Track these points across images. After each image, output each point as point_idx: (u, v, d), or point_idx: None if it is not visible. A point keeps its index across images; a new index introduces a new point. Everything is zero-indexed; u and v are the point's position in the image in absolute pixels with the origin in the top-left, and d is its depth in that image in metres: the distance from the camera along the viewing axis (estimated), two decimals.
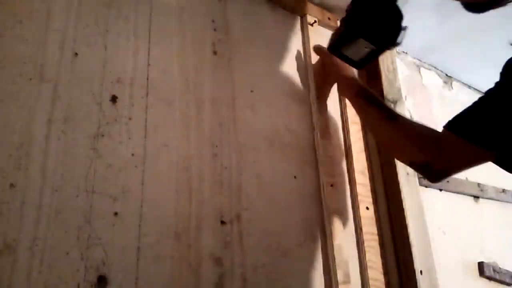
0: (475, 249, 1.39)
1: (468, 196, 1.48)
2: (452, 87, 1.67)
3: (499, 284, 1.37)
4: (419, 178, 1.15)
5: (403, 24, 0.82)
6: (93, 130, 0.72)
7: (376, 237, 1.04)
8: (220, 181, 0.84)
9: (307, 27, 1.14)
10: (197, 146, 0.84)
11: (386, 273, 1.01)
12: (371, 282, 0.97)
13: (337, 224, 0.96)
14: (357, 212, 1.04)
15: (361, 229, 1.02)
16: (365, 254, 0.99)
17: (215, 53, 0.94)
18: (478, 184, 1.49)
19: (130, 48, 0.81)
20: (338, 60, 1.00)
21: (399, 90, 1.19)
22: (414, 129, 0.88)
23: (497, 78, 0.72)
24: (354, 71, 1.05)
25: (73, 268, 0.63)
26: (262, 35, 1.05)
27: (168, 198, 0.76)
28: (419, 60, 1.56)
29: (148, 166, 0.76)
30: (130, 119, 0.77)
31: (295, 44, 1.13)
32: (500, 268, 1.39)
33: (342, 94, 1.06)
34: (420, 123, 0.90)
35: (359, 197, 1.05)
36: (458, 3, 0.71)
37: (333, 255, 0.92)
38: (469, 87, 1.74)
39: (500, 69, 0.71)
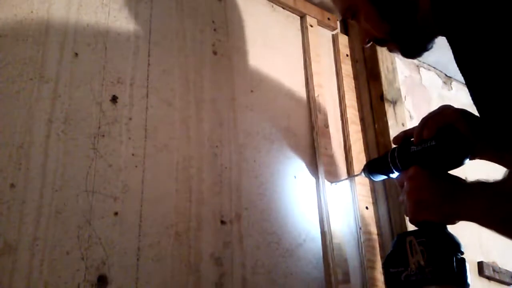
0: (475, 249, 1.38)
1: None
2: (451, 87, 1.67)
3: (499, 284, 1.37)
4: None
5: None
6: (93, 130, 0.72)
7: (376, 237, 1.04)
8: (220, 181, 0.84)
9: (306, 27, 1.14)
10: (197, 146, 0.84)
11: None
12: (371, 282, 0.97)
13: (336, 224, 0.96)
14: (357, 212, 1.04)
15: (361, 229, 1.02)
16: (365, 254, 0.99)
17: (215, 53, 0.94)
18: None
19: (130, 48, 0.81)
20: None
21: (399, 90, 1.19)
22: None
23: None
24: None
25: (73, 268, 0.63)
26: (262, 35, 1.05)
27: (168, 198, 0.76)
28: (418, 60, 1.56)
29: (148, 166, 0.76)
30: (130, 119, 0.77)
31: (295, 44, 1.13)
32: (499, 268, 1.39)
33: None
34: None
35: (359, 197, 1.05)
36: None
37: (333, 254, 0.92)
38: None
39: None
